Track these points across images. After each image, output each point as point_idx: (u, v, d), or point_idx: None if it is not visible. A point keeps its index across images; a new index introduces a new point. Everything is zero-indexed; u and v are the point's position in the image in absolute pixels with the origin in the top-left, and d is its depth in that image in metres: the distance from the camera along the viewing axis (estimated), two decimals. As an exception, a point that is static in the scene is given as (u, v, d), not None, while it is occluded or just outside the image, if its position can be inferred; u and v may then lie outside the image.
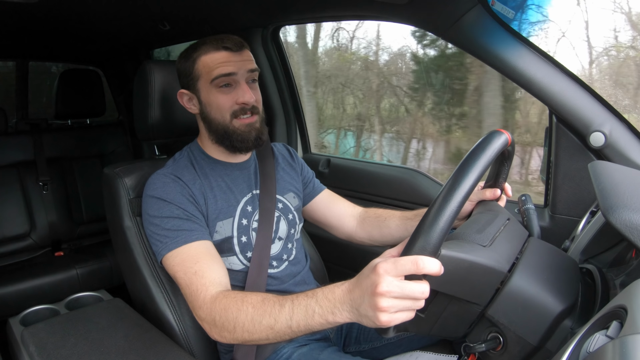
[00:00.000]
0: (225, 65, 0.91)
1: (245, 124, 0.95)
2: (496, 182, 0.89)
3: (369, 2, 1.16)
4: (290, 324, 0.68)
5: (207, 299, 0.80)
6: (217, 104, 0.94)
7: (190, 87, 0.96)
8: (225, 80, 0.92)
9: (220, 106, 0.93)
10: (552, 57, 1.01)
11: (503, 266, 0.63)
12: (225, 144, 0.97)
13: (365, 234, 1.15)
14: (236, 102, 0.93)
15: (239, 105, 0.93)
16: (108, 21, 1.58)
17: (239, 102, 0.93)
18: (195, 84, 0.95)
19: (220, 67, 0.91)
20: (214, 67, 0.91)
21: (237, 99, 0.93)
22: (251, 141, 0.96)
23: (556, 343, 0.61)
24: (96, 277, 1.87)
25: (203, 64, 0.93)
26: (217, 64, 0.91)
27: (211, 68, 0.92)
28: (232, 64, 0.92)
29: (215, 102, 0.93)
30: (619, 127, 0.98)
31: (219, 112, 0.94)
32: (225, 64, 0.91)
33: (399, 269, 0.56)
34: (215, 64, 0.91)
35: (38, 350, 0.88)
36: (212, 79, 0.92)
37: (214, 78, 0.91)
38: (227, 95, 0.93)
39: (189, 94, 0.97)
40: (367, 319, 0.60)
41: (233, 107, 0.93)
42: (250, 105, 0.94)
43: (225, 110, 0.94)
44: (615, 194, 0.60)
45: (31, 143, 2.05)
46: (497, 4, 0.99)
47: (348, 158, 1.79)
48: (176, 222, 0.89)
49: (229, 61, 0.92)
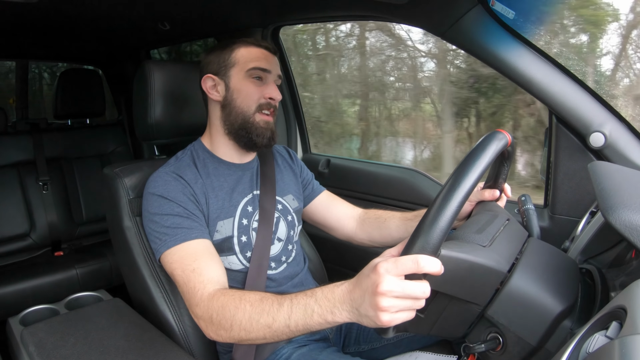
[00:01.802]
0: (264, 61, 0.99)
1: (265, 120, 0.99)
2: (496, 182, 0.89)
3: (368, 2, 1.16)
4: (289, 323, 0.68)
5: (204, 296, 0.80)
6: (246, 92, 0.98)
7: (220, 73, 0.99)
8: (259, 73, 0.98)
9: (250, 95, 0.98)
10: (552, 57, 1.01)
11: (503, 266, 0.63)
12: (241, 135, 0.99)
13: (365, 235, 1.15)
14: (264, 96, 0.98)
15: (266, 100, 0.98)
16: (108, 21, 1.58)
17: (266, 96, 0.98)
18: (227, 71, 0.99)
19: (259, 61, 0.98)
20: (253, 59, 0.98)
21: (266, 94, 0.98)
22: (267, 138, 1.00)
23: (556, 343, 0.61)
24: (96, 277, 1.87)
25: (242, 53, 0.98)
26: (256, 57, 0.99)
27: (250, 59, 0.98)
28: (269, 62, 1.00)
29: (246, 90, 0.98)
30: (618, 128, 0.98)
31: (246, 101, 0.98)
32: (263, 60, 0.99)
33: (400, 268, 0.56)
34: (254, 56, 0.98)
35: (38, 350, 0.88)
36: (250, 68, 0.97)
37: (251, 68, 0.97)
38: (258, 87, 0.98)
39: (215, 80, 1.00)
40: (368, 319, 0.59)
41: (260, 99, 0.98)
42: (275, 102, 1.00)
43: (253, 100, 0.98)
44: (615, 195, 0.60)
45: (31, 143, 2.05)
46: (497, 4, 0.99)
47: (348, 158, 1.79)
48: (176, 219, 0.89)
49: (266, 58, 1.00)
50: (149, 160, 1.14)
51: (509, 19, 1.01)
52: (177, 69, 1.14)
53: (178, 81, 1.11)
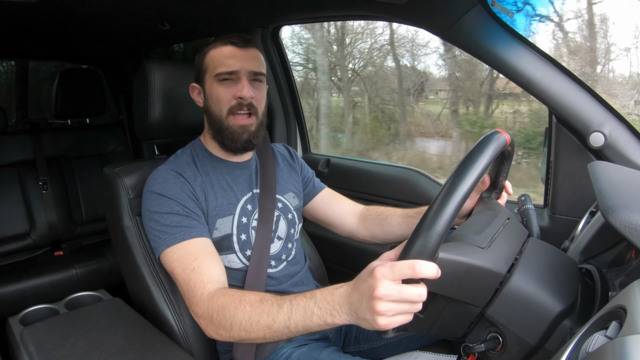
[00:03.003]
0: (229, 60, 0.94)
1: (239, 124, 0.95)
2: (496, 180, 0.89)
3: (368, 2, 1.15)
4: (289, 324, 0.68)
5: (204, 295, 0.80)
6: (216, 97, 0.96)
7: (200, 81, 0.99)
8: (226, 76, 0.94)
9: (220, 99, 0.95)
10: (552, 57, 1.01)
11: (501, 268, 0.63)
12: (218, 139, 0.98)
13: (366, 232, 1.15)
14: (234, 96, 0.94)
15: (236, 100, 0.94)
16: (108, 21, 1.58)
17: (236, 96, 0.94)
18: (203, 77, 0.98)
19: (224, 62, 0.94)
20: (220, 62, 0.94)
21: (235, 93, 0.94)
22: (240, 142, 0.96)
23: (555, 343, 0.61)
24: (96, 277, 1.87)
25: (211, 57, 0.96)
26: (222, 58, 0.94)
27: (217, 62, 0.95)
28: (236, 59, 0.94)
29: (216, 95, 0.96)
30: (618, 128, 0.98)
31: (217, 105, 0.96)
32: (229, 59, 0.94)
33: (396, 273, 0.56)
34: (220, 58, 0.95)
35: (37, 349, 0.88)
36: (216, 73, 0.94)
37: (217, 73, 0.94)
38: (227, 89, 0.95)
39: (198, 88, 1.00)
40: (366, 322, 0.60)
41: (231, 101, 0.95)
42: (247, 100, 0.94)
43: (223, 103, 0.95)
44: (614, 195, 0.60)
45: (31, 142, 2.05)
46: (496, 4, 0.99)
47: (347, 158, 1.79)
48: (175, 218, 0.89)
49: (234, 56, 0.94)
50: (149, 159, 1.14)
51: (508, 19, 1.01)
52: (177, 69, 1.14)
53: (178, 81, 1.11)
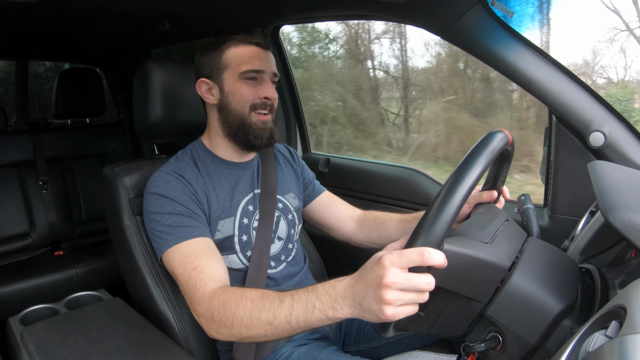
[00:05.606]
0: (255, 60, 0.95)
1: (261, 120, 0.97)
2: (494, 184, 0.88)
3: (368, 2, 1.15)
4: (290, 319, 0.67)
5: (205, 294, 0.80)
6: (240, 95, 0.96)
7: (213, 77, 0.98)
8: (253, 75, 0.95)
9: (244, 97, 0.96)
10: (551, 57, 1.01)
11: (504, 262, 0.63)
12: (240, 137, 0.98)
13: (363, 236, 1.15)
14: (259, 96, 0.96)
15: (261, 100, 0.96)
16: (108, 21, 1.58)
17: (261, 96, 0.96)
18: (220, 74, 0.97)
19: (251, 61, 0.95)
20: (245, 60, 0.95)
21: (261, 94, 0.96)
22: (265, 139, 0.98)
23: (555, 343, 0.61)
24: (96, 277, 1.87)
25: (233, 54, 0.96)
26: (248, 57, 0.95)
27: (242, 60, 0.95)
28: (261, 60, 0.96)
29: (239, 93, 0.96)
30: (618, 127, 0.98)
31: (240, 103, 0.96)
32: (255, 59, 0.96)
33: (405, 260, 0.55)
34: (245, 56, 0.95)
35: (37, 349, 0.88)
36: (242, 71, 0.95)
37: (244, 71, 0.95)
38: (252, 88, 0.96)
39: (209, 84, 0.99)
40: (371, 313, 0.58)
41: (255, 100, 0.96)
42: (271, 101, 0.97)
43: (247, 101, 0.96)
44: (614, 194, 0.60)
45: (31, 142, 2.05)
46: (496, 3, 0.99)
47: (347, 158, 1.78)
48: (177, 218, 0.89)
49: (259, 57, 0.96)
50: (149, 159, 1.14)
51: (508, 19, 1.01)
52: (177, 68, 1.14)
53: (178, 80, 1.12)
